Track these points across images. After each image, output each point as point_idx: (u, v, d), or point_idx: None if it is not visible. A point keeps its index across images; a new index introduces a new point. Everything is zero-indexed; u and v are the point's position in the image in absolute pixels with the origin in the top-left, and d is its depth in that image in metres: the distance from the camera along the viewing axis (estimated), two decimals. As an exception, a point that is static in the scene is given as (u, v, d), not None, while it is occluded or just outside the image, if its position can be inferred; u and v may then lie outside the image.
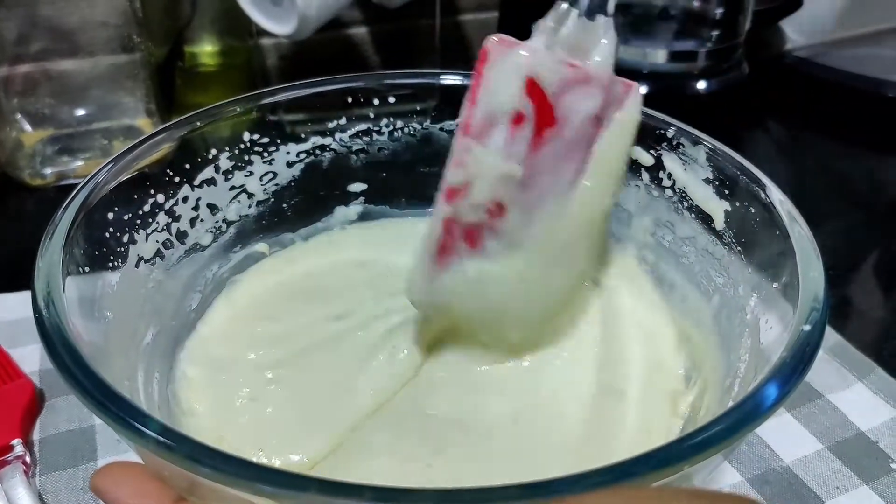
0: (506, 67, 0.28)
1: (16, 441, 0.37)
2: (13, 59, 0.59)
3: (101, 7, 0.61)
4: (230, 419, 0.32)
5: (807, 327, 0.25)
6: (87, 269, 0.30)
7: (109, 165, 0.33)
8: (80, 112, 0.63)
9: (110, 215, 0.32)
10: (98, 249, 0.31)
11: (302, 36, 0.57)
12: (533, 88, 0.27)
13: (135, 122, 0.64)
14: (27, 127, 0.62)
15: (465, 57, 0.83)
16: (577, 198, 0.30)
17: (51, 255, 0.28)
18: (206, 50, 0.69)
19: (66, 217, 0.29)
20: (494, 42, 0.28)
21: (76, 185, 0.31)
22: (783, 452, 0.38)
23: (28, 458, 0.36)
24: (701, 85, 0.68)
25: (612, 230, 0.41)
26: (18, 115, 0.61)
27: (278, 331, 0.36)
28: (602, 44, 0.29)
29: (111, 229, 0.32)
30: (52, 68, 0.61)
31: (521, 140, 0.28)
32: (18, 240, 0.52)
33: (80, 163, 0.61)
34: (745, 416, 0.22)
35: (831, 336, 0.45)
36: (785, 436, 0.39)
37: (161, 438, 0.21)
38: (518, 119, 0.27)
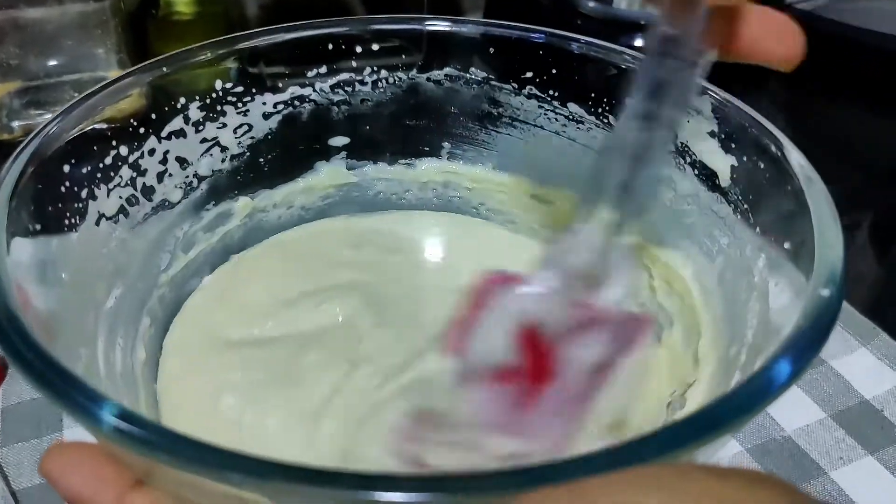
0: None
1: (-26, 410, 0.35)
2: (-23, 7, 0.56)
3: (69, -49, 0.57)
4: (201, 393, 0.30)
5: (825, 292, 0.23)
6: (38, 227, 0.27)
7: (63, 115, 0.30)
8: (49, 63, 0.60)
9: (66, 168, 0.30)
10: (52, 206, 0.29)
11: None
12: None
13: (107, 73, 0.61)
14: (-7, 79, 0.58)
15: (453, 10, 0.80)
16: None
17: (-7, 212, 0.25)
18: (181, -3, 0.65)
19: (13, 171, 0.27)
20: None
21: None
22: (784, 421, 0.37)
23: (-12, 429, 0.34)
24: (700, 38, 0.65)
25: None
26: (-17, 67, 0.58)
27: (253, 300, 0.34)
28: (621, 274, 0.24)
29: (67, 184, 0.30)
30: (20, 17, 0.58)
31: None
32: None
33: (49, 115, 0.58)
34: (758, 393, 0.20)
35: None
36: (786, 404, 0.38)
37: (116, 423, 0.18)
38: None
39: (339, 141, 0.41)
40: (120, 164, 0.33)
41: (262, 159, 0.39)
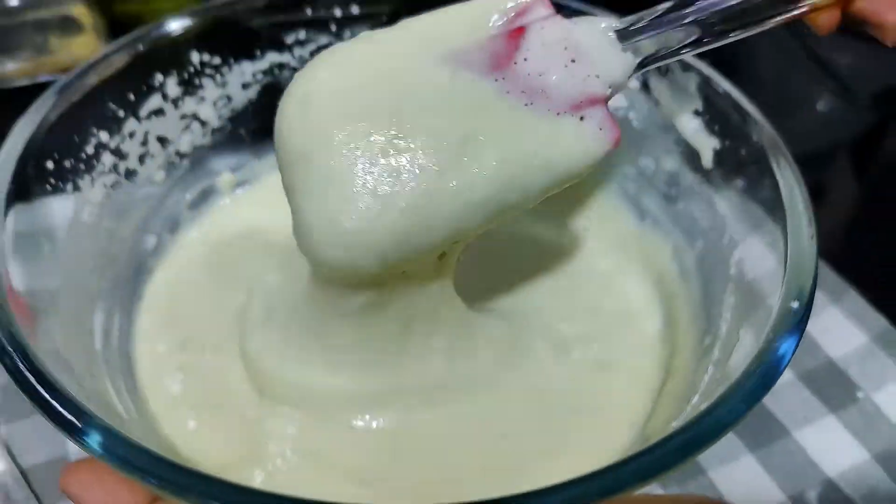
0: None
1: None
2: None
3: None
4: (194, 387, 0.31)
5: (794, 304, 0.24)
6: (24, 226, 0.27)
7: (37, 108, 0.29)
8: (10, 3, 0.57)
9: (49, 165, 0.30)
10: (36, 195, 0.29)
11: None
12: None
13: (70, 10, 0.58)
14: (-49, 22, 0.56)
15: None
16: None
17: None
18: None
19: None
20: None
21: (12, 89, 0.28)
22: (754, 382, 0.39)
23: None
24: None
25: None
26: (-60, 10, 0.55)
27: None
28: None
29: (52, 181, 0.30)
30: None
31: None
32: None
33: (14, 64, 0.56)
34: (710, 429, 0.21)
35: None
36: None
37: (100, 450, 0.20)
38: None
39: (321, 107, 0.40)
40: (101, 151, 0.32)
41: (243, 130, 0.39)
